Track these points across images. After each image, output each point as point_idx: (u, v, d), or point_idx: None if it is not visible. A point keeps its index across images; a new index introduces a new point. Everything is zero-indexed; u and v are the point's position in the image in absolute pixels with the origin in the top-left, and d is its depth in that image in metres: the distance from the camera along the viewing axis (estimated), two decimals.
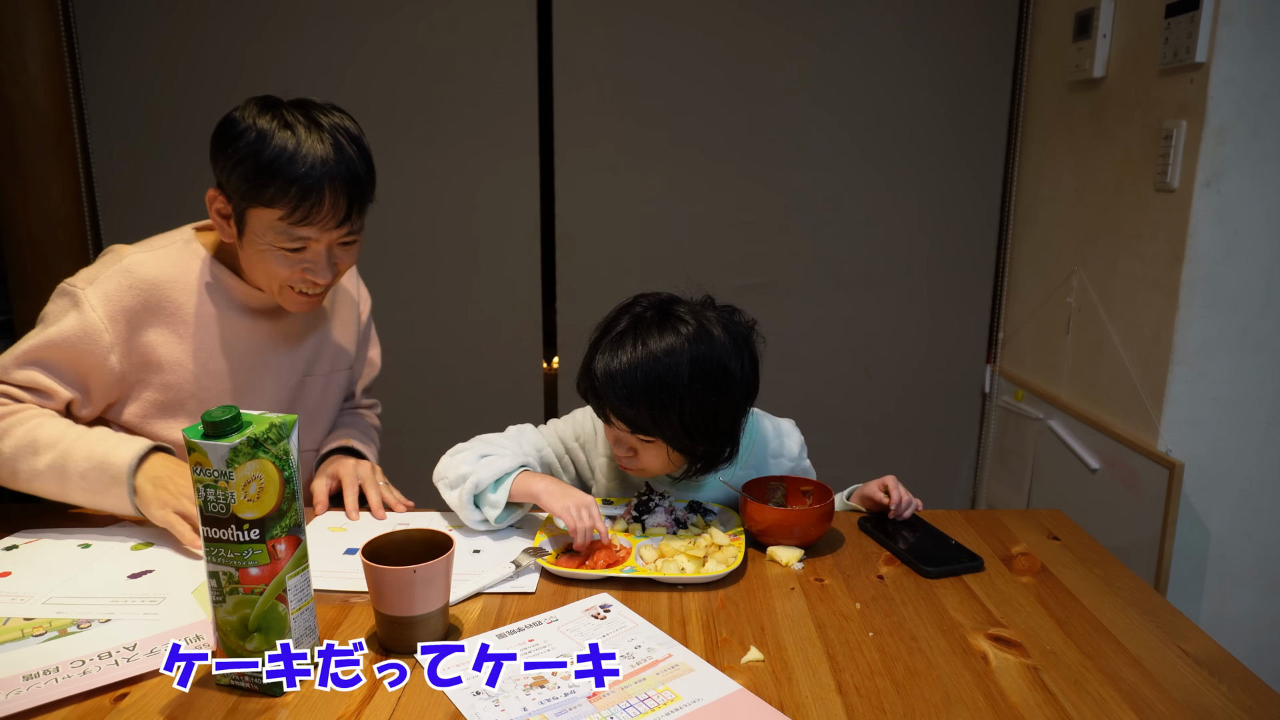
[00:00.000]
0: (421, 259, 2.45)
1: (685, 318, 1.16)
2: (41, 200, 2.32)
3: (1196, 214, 1.70)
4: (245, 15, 2.31)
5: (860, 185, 2.46)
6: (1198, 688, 0.91)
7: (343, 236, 1.24)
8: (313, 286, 1.27)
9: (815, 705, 0.86)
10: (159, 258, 1.29)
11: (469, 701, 0.85)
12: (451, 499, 1.24)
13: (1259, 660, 1.76)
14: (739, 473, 1.32)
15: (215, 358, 1.32)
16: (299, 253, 1.23)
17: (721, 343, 1.15)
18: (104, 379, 1.27)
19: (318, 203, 1.18)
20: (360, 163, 1.22)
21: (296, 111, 1.20)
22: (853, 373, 2.56)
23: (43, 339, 1.24)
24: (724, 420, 1.18)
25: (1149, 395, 1.83)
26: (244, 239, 1.24)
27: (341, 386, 1.50)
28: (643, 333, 1.16)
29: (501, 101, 2.37)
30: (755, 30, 2.35)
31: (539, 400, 2.56)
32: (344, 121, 1.23)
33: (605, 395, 1.16)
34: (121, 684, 0.88)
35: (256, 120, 1.18)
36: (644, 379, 1.13)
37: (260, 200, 1.18)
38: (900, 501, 1.27)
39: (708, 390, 1.14)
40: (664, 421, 1.14)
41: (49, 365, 1.25)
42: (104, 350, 1.25)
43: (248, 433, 0.82)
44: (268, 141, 1.16)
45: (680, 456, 1.21)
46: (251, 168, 1.16)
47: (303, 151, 1.16)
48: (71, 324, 1.24)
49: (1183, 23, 1.69)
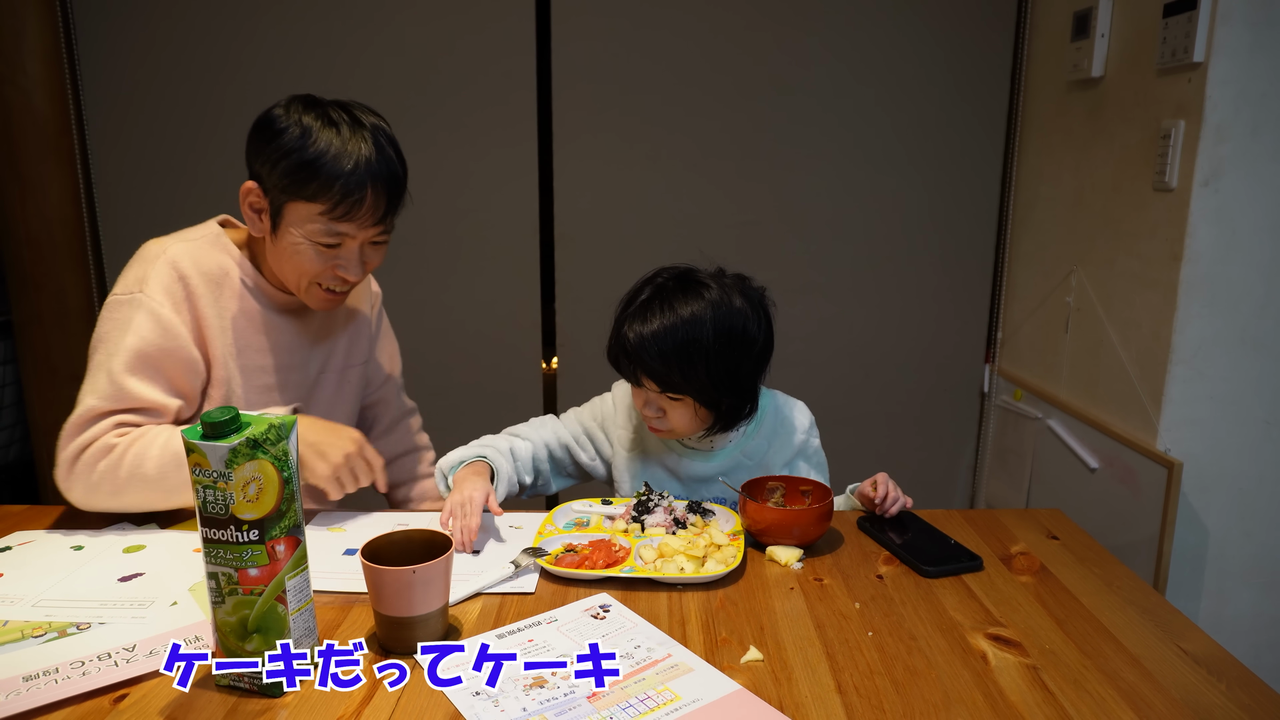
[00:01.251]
0: (420, 259, 2.45)
1: (707, 283, 1.27)
2: (40, 201, 2.32)
3: (1195, 213, 1.70)
4: (243, 17, 2.31)
5: (859, 184, 2.46)
6: (1196, 686, 0.91)
7: (376, 235, 1.27)
8: (341, 284, 1.29)
9: (815, 705, 0.86)
10: (196, 249, 1.29)
11: (468, 702, 0.85)
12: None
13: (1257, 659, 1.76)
14: (753, 443, 1.38)
15: (250, 354, 1.32)
16: (333, 249, 1.24)
17: (740, 306, 1.26)
18: (193, 373, 1.27)
19: (360, 199, 1.20)
20: (398, 164, 1.26)
21: (340, 110, 1.23)
22: (851, 372, 2.56)
23: (126, 354, 1.21)
24: (745, 375, 1.27)
25: (1148, 394, 1.83)
26: (277, 233, 1.24)
27: (356, 384, 1.50)
28: (668, 299, 1.25)
29: (500, 101, 2.37)
30: (754, 29, 2.35)
31: (538, 400, 2.56)
32: (381, 123, 1.27)
33: (638, 357, 1.24)
34: (121, 685, 0.88)
35: (301, 117, 1.20)
36: (673, 340, 1.22)
37: (303, 194, 1.20)
38: (885, 497, 1.28)
39: (730, 347, 1.24)
40: (693, 378, 1.23)
41: (146, 376, 1.22)
42: (186, 342, 1.25)
43: (246, 434, 0.82)
44: (312, 137, 1.19)
45: (706, 414, 1.28)
46: (296, 162, 1.19)
47: (347, 149, 1.19)
48: (147, 327, 1.22)
49: (1180, 22, 1.70)
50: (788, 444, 1.39)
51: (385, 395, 1.60)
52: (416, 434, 1.66)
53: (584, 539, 1.19)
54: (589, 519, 1.27)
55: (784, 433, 1.40)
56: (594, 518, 1.27)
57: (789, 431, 1.40)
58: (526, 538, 1.23)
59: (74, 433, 1.21)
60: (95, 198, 2.41)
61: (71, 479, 1.20)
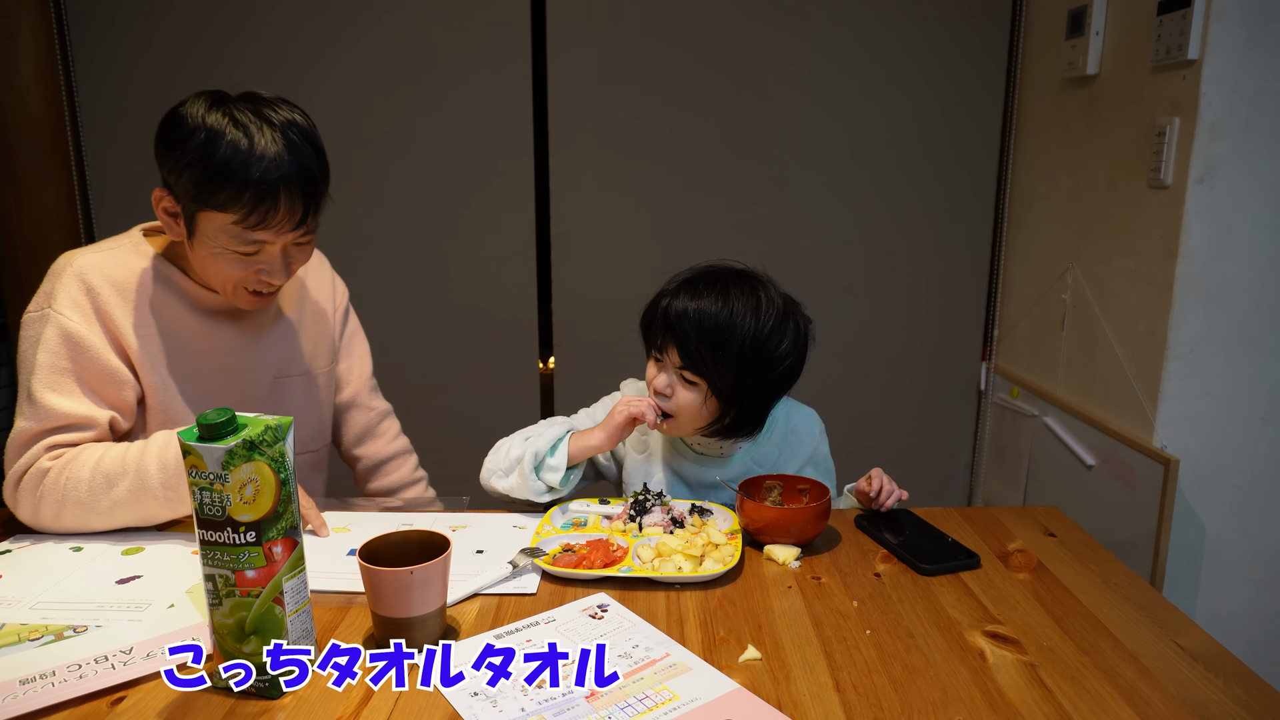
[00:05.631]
0: (417, 259, 2.45)
1: (768, 288, 1.27)
2: (35, 204, 2.32)
3: (1190, 210, 1.70)
4: (238, 18, 2.30)
5: (855, 183, 2.46)
6: (1194, 683, 0.91)
7: (298, 237, 1.21)
8: (267, 286, 1.24)
9: (813, 703, 0.86)
10: (109, 259, 1.25)
11: (467, 702, 0.85)
12: (511, 482, 1.29)
13: (1254, 655, 1.77)
14: (764, 450, 1.37)
15: (185, 358, 1.28)
16: (253, 255, 1.19)
17: (788, 325, 1.26)
18: (115, 383, 1.22)
19: (273, 207, 1.14)
20: (315, 161, 1.17)
21: (246, 109, 1.15)
22: (848, 370, 2.57)
23: (41, 371, 1.19)
24: (762, 390, 1.26)
25: (1144, 391, 1.83)
26: (194, 240, 1.19)
27: (326, 386, 1.47)
28: (724, 284, 1.25)
29: (497, 101, 2.37)
30: (750, 29, 2.36)
31: (535, 401, 2.56)
32: (295, 116, 1.18)
33: (676, 325, 1.23)
34: (118, 688, 0.88)
35: (205, 118, 1.13)
36: (715, 320, 1.21)
37: (212, 204, 1.14)
38: (881, 490, 1.28)
39: (761, 357, 1.23)
40: (721, 363, 1.22)
41: (63, 390, 1.19)
42: (100, 353, 1.21)
43: (243, 435, 0.82)
44: (218, 143, 1.12)
45: (714, 409, 1.26)
46: (202, 171, 1.12)
47: (256, 153, 1.12)
48: (55, 341, 1.19)
49: (1175, 20, 1.70)
50: (799, 452, 1.39)
51: (357, 397, 1.54)
52: (396, 437, 1.60)
53: (581, 539, 1.19)
54: (586, 519, 1.27)
55: (794, 441, 1.39)
56: (591, 517, 1.27)
57: (800, 440, 1.39)
58: (525, 538, 1.23)
59: (13, 457, 1.19)
60: (90, 200, 2.40)
61: (16, 502, 1.20)
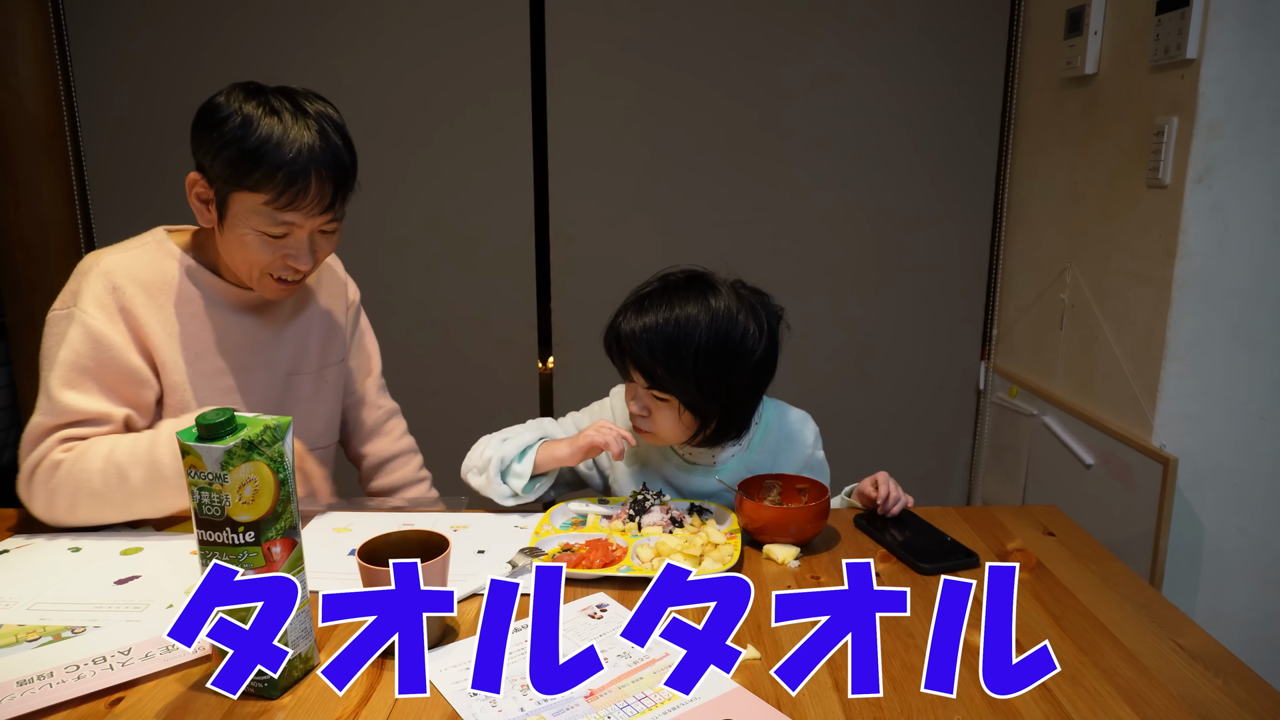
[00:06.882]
0: (416, 258, 2.45)
1: (716, 288, 1.24)
2: (33, 204, 2.31)
3: (1188, 210, 1.71)
4: (237, 18, 2.30)
5: (853, 182, 2.46)
6: (1193, 682, 0.91)
7: (325, 224, 1.25)
8: (293, 273, 1.27)
9: (812, 702, 0.86)
10: (135, 258, 1.28)
11: (466, 702, 0.85)
12: (480, 482, 1.31)
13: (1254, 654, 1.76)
14: (757, 458, 1.35)
15: (206, 356, 1.30)
16: (281, 239, 1.23)
17: (743, 318, 1.22)
18: (136, 382, 1.25)
19: (304, 189, 1.18)
20: (345, 151, 1.23)
21: (282, 98, 1.20)
22: (847, 370, 2.57)
23: (61, 368, 1.21)
24: (736, 389, 1.23)
25: (1142, 391, 1.84)
26: (225, 224, 1.23)
27: (335, 383, 1.49)
28: (670, 295, 1.23)
29: (495, 100, 2.37)
30: (749, 28, 2.36)
31: (534, 401, 2.56)
32: (327, 110, 1.23)
33: (628, 348, 1.22)
34: (116, 689, 0.88)
35: (242, 106, 1.18)
36: (663, 336, 1.20)
37: (245, 184, 1.18)
38: (888, 497, 1.27)
39: (723, 356, 1.20)
40: (679, 378, 1.20)
41: (82, 388, 1.21)
42: (123, 352, 1.23)
43: (242, 435, 0.82)
44: (254, 126, 1.17)
45: (691, 420, 1.25)
46: (237, 151, 1.16)
47: (289, 138, 1.17)
48: (79, 339, 1.21)
49: (1174, 19, 1.70)
50: (794, 458, 1.37)
51: (365, 395, 1.57)
52: (402, 436, 1.62)
53: (581, 538, 1.18)
54: (586, 518, 1.27)
55: (789, 447, 1.37)
56: (591, 517, 1.27)
57: (795, 445, 1.37)
58: (525, 538, 1.23)
59: (27, 450, 1.21)
60: (89, 200, 2.40)
61: (31, 496, 1.21)
